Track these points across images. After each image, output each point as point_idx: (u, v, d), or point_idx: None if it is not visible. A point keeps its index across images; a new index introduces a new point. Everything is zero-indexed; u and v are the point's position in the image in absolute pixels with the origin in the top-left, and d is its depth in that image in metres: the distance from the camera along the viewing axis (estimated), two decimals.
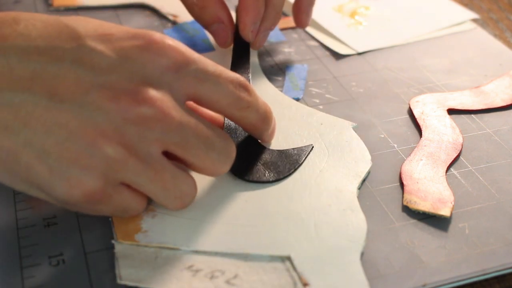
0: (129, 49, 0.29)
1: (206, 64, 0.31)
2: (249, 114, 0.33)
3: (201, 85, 0.31)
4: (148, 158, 0.29)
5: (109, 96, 0.28)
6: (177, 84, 0.30)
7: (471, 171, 0.37)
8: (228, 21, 0.45)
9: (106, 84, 0.28)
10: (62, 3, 0.55)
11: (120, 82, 0.28)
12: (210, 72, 0.31)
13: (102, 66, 0.28)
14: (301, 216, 0.33)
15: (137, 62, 0.29)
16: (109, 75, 0.28)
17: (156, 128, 0.29)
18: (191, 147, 0.30)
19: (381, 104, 0.43)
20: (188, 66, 0.30)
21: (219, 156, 0.31)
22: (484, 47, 0.50)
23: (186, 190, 0.31)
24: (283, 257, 0.31)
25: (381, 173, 0.37)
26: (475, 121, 0.41)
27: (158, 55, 0.30)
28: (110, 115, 0.28)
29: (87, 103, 0.28)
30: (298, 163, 0.36)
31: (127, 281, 0.29)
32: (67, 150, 0.27)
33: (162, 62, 0.29)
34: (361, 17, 0.54)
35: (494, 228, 0.33)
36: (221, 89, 0.31)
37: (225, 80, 0.31)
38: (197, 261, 0.30)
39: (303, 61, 0.48)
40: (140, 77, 0.29)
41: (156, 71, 0.29)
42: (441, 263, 0.31)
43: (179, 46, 0.30)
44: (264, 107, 0.34)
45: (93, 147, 0.28)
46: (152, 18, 0.54)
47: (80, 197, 0.28)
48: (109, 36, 0.29)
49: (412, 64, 0.48)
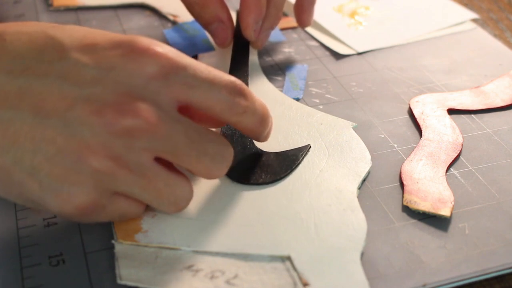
0: (113, 59, 0.28)
1: (197, 70, 0.30)
2: (245, 119, 0.32)
3: (192, 91, 0.30)
4: (139, 168, 0.29)
5: (93, 110, 0.27)
6: (165, 91, 0.29)
7: (471, 171, 0.37)
8: (228, 20, 0.45)
9: (90, 97, 0.28)
10: (62, 3, 0.55)
11: (104, 94, 0.28)
12: (202, 77, 0.30)
13: (86, 78, 0.28)
14: (301, 216, 0.33)
15: (121, 72, 0.28)
16: (93, 88, 0.28)
17: (143, 139, 0.28)
18: (182, 154, 0.29)
19: (381, 104, 0.43)
20: (177, 72, 0.29)
21: (213, 161, 0.30)
22: (484, 47, 0.50)
23: (180, 195, 0.30)
24: (283, 257, 0.31)
25: (381, 173, 0.37)
26: (475, 121, 0.41)
27: (143, 63, 0.29)
28: (95, 129, 0.27)
29: (72, 119, 0.27)
30: (295, 163, 0.36)
31: (127, 281, 0.29)
32: (56, 166, 0.27)
33: (147, 70, 0.29)
34: (361, 17, 0.54)
35: (494, 228, 0.33)
36: (214, 95, 0.30)
37: (219, 85, 0.30)
38: (197, 261, 0.30)
39: (303, 61, 0.48)
40: (125, 88, 0.28)
41: (141, 79, 0.28)
42: (441, 263, 0.31)
43: (166, 52, 0.29)
44: (261, 110, 0.33)
45: (80, 163, 0.27)
46: (152, 18, 0.54)
47: (73, 211, 0.28)
48: (94, 46, 0.29)
49: (412, 64, 0.48)
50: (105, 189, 0.29)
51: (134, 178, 0.29)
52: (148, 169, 0.29)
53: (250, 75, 0.45)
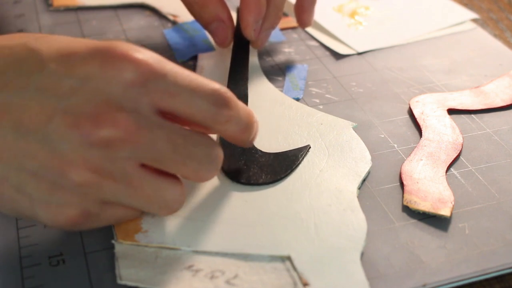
0: (90, 68, 0.28)
1: (179, 77, 0.29)
2: (229, 128, 0.31)
3: (173, 99, 0.29)
4: (124, 177, 0.28)
5: (70, 122, 0.27)
6: (144, 98, 0.28)
7: (471, 171, 0.37)
8: (228, 20, 0.45)
9: (68, 109, 0.27)
10: (62, 3, 0.55)
11: (81, 106, 0.27)
12: (183, 85, 0.29)
13: (64, 89, 0.27)
14: (301, 216, 0.33)
15: (98, 80, 0.27)
16: (70, 99, 0.27)
17: (124, 148, 0.28)
18: (167, 161, 0.29)
19: (381, 104, 0.43)
20: (157, 79, 0.28)
21: (200, 164, 0.30)
22: (484, 47, 0.50)
23: (171, 198, 0.30)
24: (283, 257, 0.31)
25: (381, 173, 0.37)
26: (475, 121, 0.41)
27: (120, 70, 0.28)
28: (73, 143, 0.27)
29: (51, 133, 0.27)
30: (295, 163, 0.36)
31: (127, 281, 0.29)
32: (41, 181, 0.27)
33: (125, 77, 0.28)
34: (361, 17, 0.54)
35: (494, 228, 0.33)
36: (196, 104, 0.29)
37: (201, 94, 0.29)
38: (197, 261, 0.30)
39: (303, 61, 0.48)
40: (102, 97, 0.27)
41: (119, 87, 0.28)
42: (441, 263, 0.31)
43: (145, 58, 0.28)
44: (245, 118, 0.32)
45: (63, 177, 0.27)
46: (152, 18, 0.54)
47: (65, 222, 0.29)
48: (72, 56, 0.28)
49: (412, 64, 0.48)
50: (93, 200, 0.29)
51: (119, 187, 0.28)
52: (134, 177, 0.28)
53: (250, 75, 0.45)
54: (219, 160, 0.31)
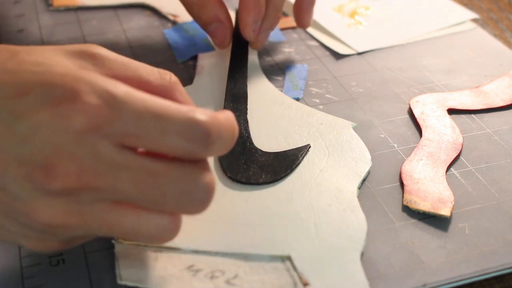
0: (41, 114, 0.25)
1: (141, 113, 0.26)
2: (214, 153, 0.28)
3: (137, 140, 0.26)
4: (96, 217, 0.27)
5: (23, 174, 0.25)
6: (100, 143, 0.25)
7: (471, 171, 0.37)
8: (226, 21, 0.45)
9: (21, 158, 0.25)
10: (62, 3, 0.55)
11: (34, 155, 0.25)
12: (146, 123, 0.26)
13: (17, 137, 0.26)
14: (301, 216, 0.33)
15: (47, 130, 0.25)
16: (23, 147, 0.26)
17: (84, 195, 0.26)
18: (138, 202, 0.27)
19: (381, 104, 0.43)
20: (112, 123, 0.25)
21: (179, 203, 0.27)
22: (484, 47, 0.50)
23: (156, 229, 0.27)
24: (283, 257, 0.31)
25: (381, 173, 0.37)
26: (475, 121, 0.41)
27: (69, 117, 0.25)
28: (31, 193, 0.26)
29: (8, 182, 0.26)
30: (295, 163, 0.36)
31: (127, 281, 0.29)
32: (13, 222, 0.27)
33: (75, 126, 0.25)
34: (361, 17, 0.54)
35: (494, 228, 0.33)
36: (167, 142, 0.26)
37: (172, 129, 0.26)
38: (197, 261, 0.30)
39: (303, 61, 0.48)
40: (53, 146, 0.25)
41: (69, 136, 0.25)
42: (441, 263, 0.31)
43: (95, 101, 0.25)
44: (231, 138, 0.28)
45: (29, 219, 0.26)
46: (152, 18, 0.54)
47: (48, 250, 0.28)
48: (25, 96, 0.26)
49: (412, 64, 0.48)
50: (66, 236, 0.27)
51: (93, 227, 0.27)
52: (107, 216, 0.27)
53: (250, 75, 0.45)
54: (207, 190, 0.27)
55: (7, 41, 0.50)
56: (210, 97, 0.43)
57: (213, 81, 0.44)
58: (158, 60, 0.48)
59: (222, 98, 0.42)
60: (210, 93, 0.43)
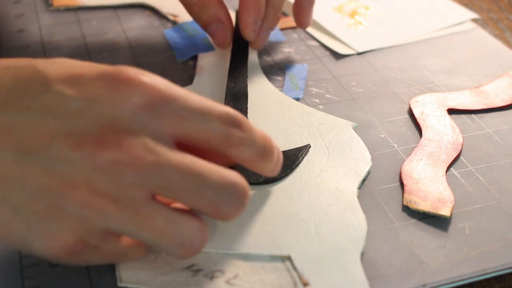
0: (98, 90, 0.27)
1: (189, 101, 0.28)
2: (243, 151, 0.30)
3: (184, 123, 0.28)
4: (131, 204, 0.26)
5: (73, 143, 0.26)
6: (154, 123, 0.27)
7: (471, 171, 0.37)
8: (227, 21, 0.45)
9: (72, 130, 0.26)
10: (62, 3, 0.55)
11: (86, 127, 0.26)
12: (194, 109, 0.28)
13: (69, 111, 0.27)
14: (301, 216, 0.33)
15: (105, 103, 0.27)
16: (75, 120, 0.26)
17: (129, 173, 0.26)
18: (178, 189, 0.27)
19: (381, 104, 0.43)
20: (167, 103, 0.27)
21: (217, 195, 0.28)
22: (484, 47, 0.50)
23: (188, 234, 0.28)
24: (283, 257, 0.31)
25: (381, 173, 0.37)
26: (475, 121, 0.41)
27: (128, 93, 0.27)
28: (75, 165, 0.26)
29: (53, 154, 0.26)
30: (295, 163, 0.36)
31: (128, 283, 0.29)
32: (40, 203, 0.26)
33: (133, 101, 0.27)
34: (361, 17, 0.54)
35: (494, 228, 0.33)
36: (209, 127, 0.28)
37: (213, 116, 0.29)
38: (197, 261, 0.30)
39: (303, 61, 0.48)
40: (109, 120, 0.27)
41: (126, 111, 0.27)
42: (441, 263, 0.31)
43: (156, 83, 0.28)
44: (261, 141, 0.31)
45: (63, 199, 0.26)
46: (152, 18, 0.54)
47: (60, 251, 0.27)
48: (79, 77, 0.27)
49: (412, 64, 0.48)
50: (93, 227, 0.27)
51: (124, 215, 0.27)
52: (142, 206, 0.27)
53: (250, 75, 0.45)
54: (242, 194, 0.29)
55: (7, 41, 0.50)
56: (210, 97, 0.42)
57: (213, 81, 0.44)
58: (158, 60, 0.48)
59: (222, 98, 0.42)
60: (210, 93, 0.43)
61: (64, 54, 0.48)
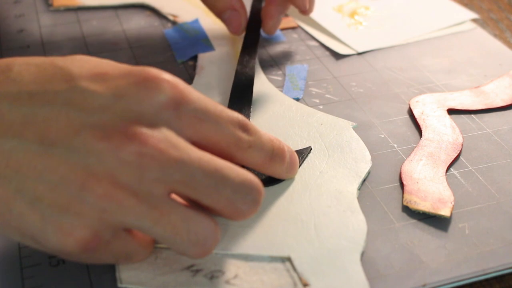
0: (123, 87, 0.28)
1: (206, 103, 0.29)
2: (252, 154, 0.31)
3: (201, 125, 0.29)
4: (151, 199, 0.27)
5: (99, 136, 0.26)
6: (176, 122, 0.28)
7: (471, 171, 0.37)
8: (241, 8, 0.47)
9: (97, 124, 0.27)
10: (62, 3, 0.55)
11: (112, 121, 0.27)
12: (210, 111, 0.29)
13: (94, 105, 0.27)
14: (301, 217, 0.33)
15: (131, 99, 0.27)
16: (101, 115, 0.27)
17: (153, 166, 0.26)
18: (198, 185, 0.27)
19: (381, 104, 0.43)
20: (188, 104, 0.28)
21: (235, 193, 0.28)
22: (484, 47, 0.50)
23: (203, 233, 0.28)
24: (283, 258, 0.31)
25: (381, 173, 0.37)
26: (475, 121, 0.41)
27: (154, 91, 0.28)
28: (101, 156, 0.26)
29: (77, 145, 0.26)
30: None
31: (128, 284, 0.29)
32: (59, 195, 0.26)
33: (158, 98, 0.28)
34: (361, 17, 0.54)
35: (494, 228, 0.33)
36: (221, 129, 0.29)
37: (225, 120, 0.30)
38: (197, 261, 0.30)
39: (303, 61, 0.48)
40: (134, 115, 0.27)
41: (151, 108, 0.27)
42: (441, 263, 0.31)
43: (177, 83, 0.28)
44: (270, 144, 0.32)
45: (84, 191, 0.26)
46: (152, 18, 0.54)
47: (74, 246, 0.26)
48: (104, 75, 0.28)
49: (412, 64, 0.48)
50: (110, 221, 0.27)
51: (143, 209, 0.27)
52: (161, 202, 0.27)
53: None
54: (258, 193, 0.29)
55: (7, 41, 0.50)
56: (210, 97, 0.43)
57: (213, 81, 0.44)
58: (158, 60, 0.48)
59: (222, 98, 0.42)
60: (210, 93, 0.43)
61: (64, 54, 0.48)
